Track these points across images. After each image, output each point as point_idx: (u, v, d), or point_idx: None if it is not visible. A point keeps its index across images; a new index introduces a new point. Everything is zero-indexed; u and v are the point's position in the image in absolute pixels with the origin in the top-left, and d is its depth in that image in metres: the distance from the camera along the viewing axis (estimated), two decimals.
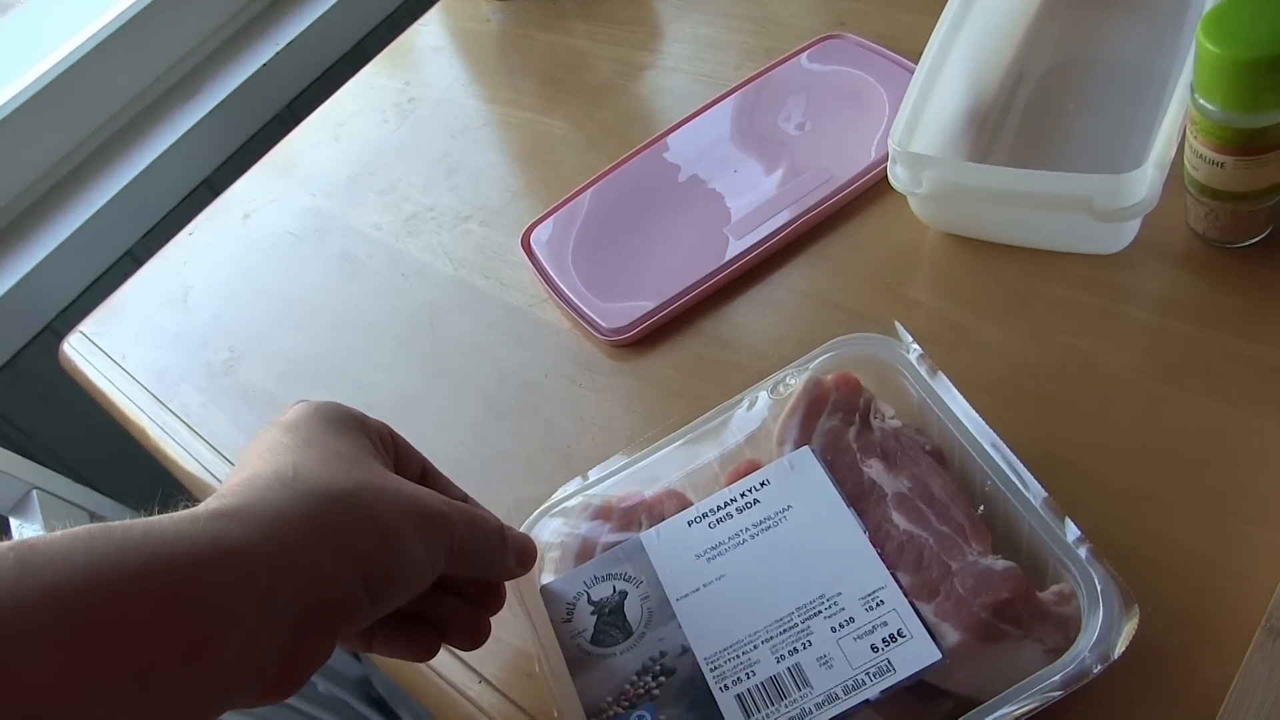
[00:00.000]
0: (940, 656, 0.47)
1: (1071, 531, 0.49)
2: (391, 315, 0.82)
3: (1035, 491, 0.51)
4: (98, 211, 1.12)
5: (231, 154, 1.21)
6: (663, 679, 0.50)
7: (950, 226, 0.69)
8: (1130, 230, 0.64)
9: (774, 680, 0.49)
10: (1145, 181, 0.59)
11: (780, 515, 0.54)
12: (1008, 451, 0.52)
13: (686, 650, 0.51)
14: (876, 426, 0.56)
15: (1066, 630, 0.47)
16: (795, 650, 0.49)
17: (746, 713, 0.48)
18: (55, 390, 1.01)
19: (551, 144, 0.90)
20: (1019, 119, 0.74)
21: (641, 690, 0.50)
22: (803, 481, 0.55)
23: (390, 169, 0.95)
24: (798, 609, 0.50)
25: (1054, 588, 0.49)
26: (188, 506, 0.42)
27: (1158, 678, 0.49)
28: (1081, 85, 0.75)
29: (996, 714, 0.45)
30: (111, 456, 1.11)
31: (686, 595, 0.53)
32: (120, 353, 0.89)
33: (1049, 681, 0.45)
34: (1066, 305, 0.64)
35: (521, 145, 0.92)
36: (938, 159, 0.65)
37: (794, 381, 0.58)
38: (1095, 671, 0.45)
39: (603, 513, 0.58)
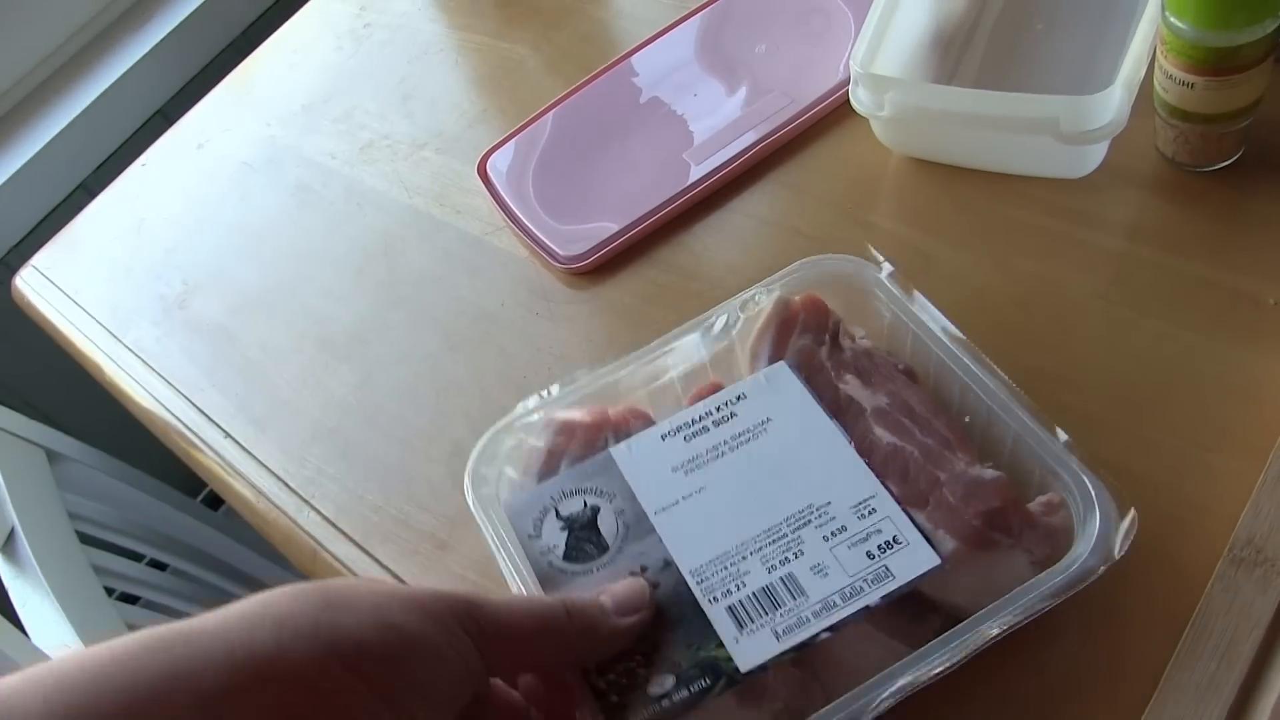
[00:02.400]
0: (940, 561, 0.46)
1: (1061, 437, 0.48)
2: (346, 245, 0.80)
3: (1021, 401, 0.50)
4: (49, 143, 1.09)
5: (186, 83, 1.18)
6: None
7: (913, 150, 0.67)
8: (1097, 153, 0.62)
9: (767, 590, 0.47)
10: (1113, 103, 0.58)
11: (760, 428, 0.52)
12: (989, 362, 0.51)
13: (670, 564, 0.48)
14: (847, 347, 0.55)
15: (1055, 541, 0.47)
16: (787, 560, 0.47)
17: (739, 623, 0.46)
18: (8, 325, 0.99)
19: (509, 68, 0.88)
20: (986, 40, 0.72)
21: None
22: (781, 395, 0.53)
23: (345, 96, 0.92)
24: (786, 519, 0.49)
25: (1041, 498, 0.48)
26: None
27: (1120, 608, 0.48)
28: (1050, 4, 0.73)
29: (999, 618, 0.44)
30: (66, 391, 1.10)
31: (665, 509, 0.50)
32: (73, 287, 0.87)
33: (1052, 583, 0.44)
34: (1031, 231, 0.62)
35: (479, 70, 0.89)
36: (900, 81, 0.64)
37: (762, 300, 0.57)
38: (1099, 572, 0.44)
39: (565, 429, 0.56)
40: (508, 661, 0.43)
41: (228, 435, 0.72)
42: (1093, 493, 0.46)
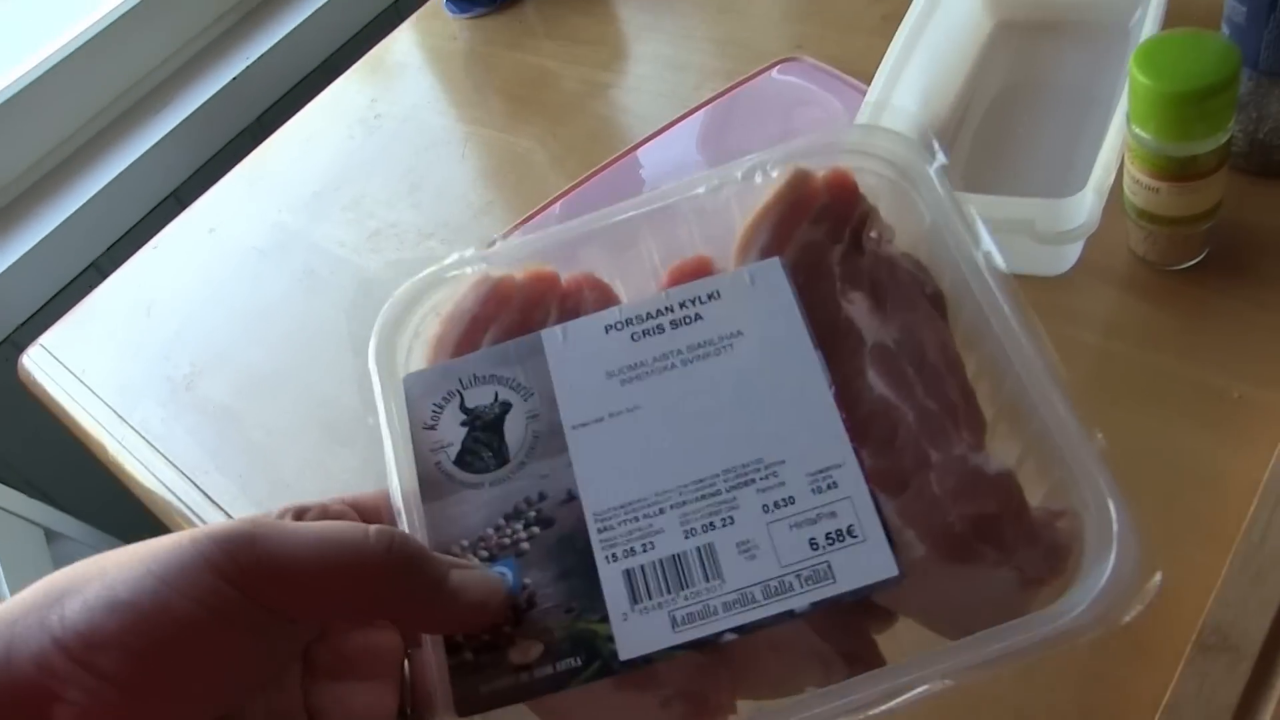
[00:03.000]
0: (898, 573, 0.36)
1: (1099, 442, 0.38)
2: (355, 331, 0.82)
3: (1059, 380, 0.39)
4: (63, 223, 1.12)
5: (199, 167, 1.22)
6: (535, 530, 0.39)
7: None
8: (1073, 253, 0.65)
9: (677, 561, 0.37)
10: (1085, 206, 0.61)
11: (725, 342, 0.41)
12: (1034, 320, 0.41)
13: (573, 498, 0.39)
14: (869, 249, 0.43)
15: (1054, 560, 0.37)
16: (712, 526, 0.38)
17: (633, 595, 0.37)
18: (13, 403, 1.02)
19: (515, 162, 0.91)
20: (970, 142, 0.75)
21: (507, 539, 0.39)
22: (763, 303, 0.42)
23: (355, 185, 0.96)
24: (725, 472, 0.39)
25: (1051, 506, 0.39)
26: None
27: (1091, 693, 0.50)
28: (1030, 110, 0.76)
29: (954, 664, 0.35)
30: (67, 469, 1.11)
31: (586, 424, 0.40)
32: (80, 366, 0.89)
33: (1030, 635, 0.35)
34: None
35: (486, 162, 0.93)
36: None
37: (775, 172, 0.44)
38: (1089, 635, 0.34)
39: (500, 290, 0.44)
40: (299, 608, 0.33)
41: (230, 517, 0.73)
42: (1115, 523, 0.36)
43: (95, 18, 1.20)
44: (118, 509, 0.90)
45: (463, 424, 0.41)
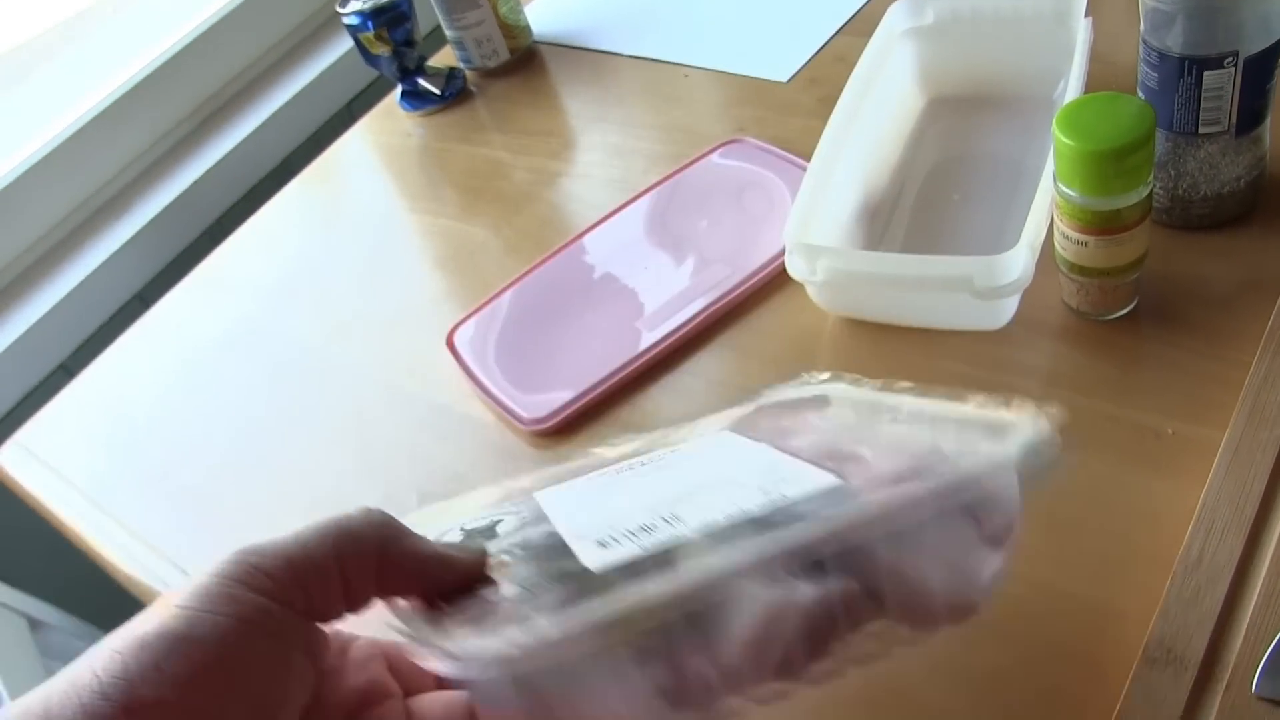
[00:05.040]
0: (838, 480, 0.41)
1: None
2: (322, 417, 0.84)
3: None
4: (31, 326, 1.14)
5: (163, 269, 1.24)
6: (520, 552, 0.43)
7: (847, 310, 0.74)
8: (1010, 307, 0.69)
9: (643, 526, 0.41)
10: (1019, 261, 0.64)
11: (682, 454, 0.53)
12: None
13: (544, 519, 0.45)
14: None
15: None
16: (676, 516, 0.41)
17: (603, 545, 0.40)
18: None
19: (472, 249, 0.94)
20: (908, 210, 0.79)
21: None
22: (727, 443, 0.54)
23: (318, 278, 0.98)
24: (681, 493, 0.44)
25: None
26: None
27: (1046, 709, 0.52)
28: (963, 178, 0.81)
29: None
30: (46, 560, 1.11)
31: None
32: (56, 461, 0.90)
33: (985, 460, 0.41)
34: (957, 379, 0.68)
35: (443, 251, 0.96)
36: (830, 249, 0.70)
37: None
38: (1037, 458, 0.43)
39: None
40: (313, 592, 0.37)
41: None
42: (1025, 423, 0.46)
43: (58, 127, 1.23)
44: (100, 597, 0.90)
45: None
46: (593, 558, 0.39)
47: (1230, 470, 0.57)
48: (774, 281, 0.78)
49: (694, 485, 0.46)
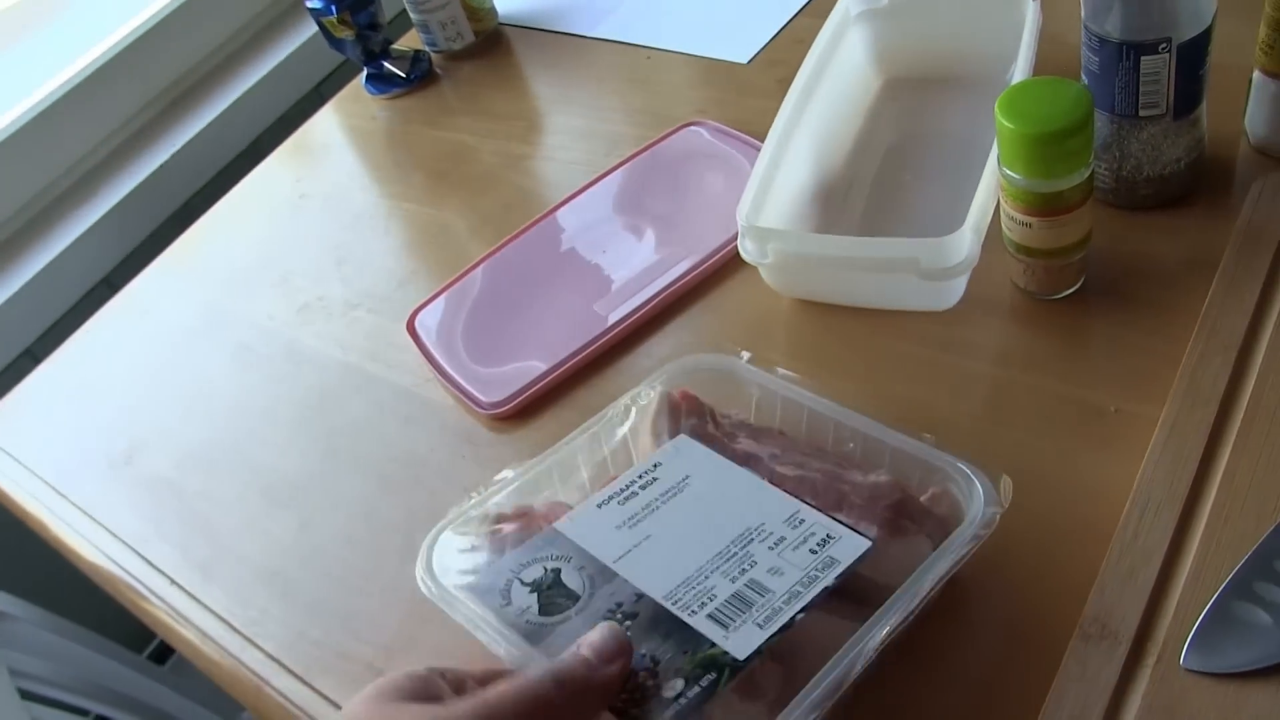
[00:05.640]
0: (871, 543, 0.53)
1: (928, 439, 0.57)
2: (285, 401, 0.85)
3: (884, 421, 0.59)
4: None
5: (130, 253, 1.24)
6: (629, 623, 0.52)
7: (800, 293, 0.75)
8: (958, 287, 0.70)
9: (737, 596, 0.51)
10: (964, 243, 0.65)
11: (682, 484, 0.58)
12: (849, 411, 0.61)
13: (641, 596, 0.53)
14: (727, 424, 0.63)
15: (946, 524, 0.55)
16: (745, 570, 0.53)
17: (723, 625, 0.50)
18: None
19: (435, 232, 0.95)
20: (864, 191, 0.80)
21: None
22: (691, 458, 0.60)
23: (284, 262, 0.99)
24: (732, 542, 0.54)
25: (925, 494, 0.57)
26: None
27: (988, 685, 0.54)
28: (920, 158, 0.82)
29: (937, 567, 0.51)
30: (7, 549, 1.12)
31: (621, 556, 0.55)
32: (19, 449, 0.91)
33: (968, 533, 0.53)
34: (907, 359, 0.69)
35: (408, 234, 0.96)
36: (780, 231, 0.71)
37: (647, 394, 0.65)
38: (996, 520, 0.53)
39: (502, 519, 0.60)
40: None
41: (174, 583, 0.75)
42: (967, 470, 0.55)
43: (24, 108, 1.22)
44: (62, 586, 0.91)
45: (530, 592, 0.55)
46: (735, 646, 0.49)
47: (1166, 448, 0.58)
48: (731, 264, 0.79)
49: (729, 531, 0.55)
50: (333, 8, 1.08)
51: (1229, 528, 0.54)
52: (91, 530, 0.81)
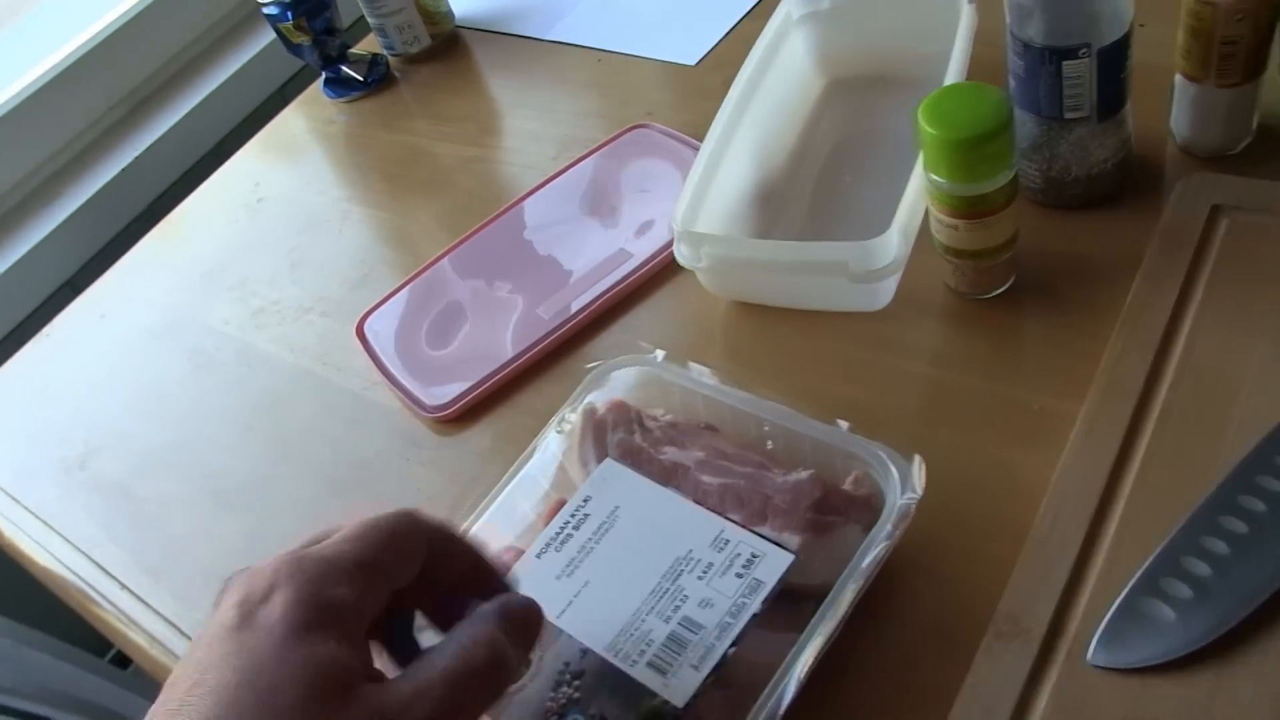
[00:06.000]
0: (794, 555, 0.55)
1: (843, 426, 0.60)
2: (239, 404, 0.86)
3: (803, 411, 0.61)
4: None
5: (93, 255, 1.25)
6: (577, 682, 0.54)
7: (736, 295, 0.76)
8: (888, 289, 0.71)
9: (671, 638, 0.53)
10: (892, 245, 0.66)
11: (613, 517, 0.60)
12: (766, 395, 0.62)
13: (587, 651, 0.54)
14: (654, 427, 0.64)
15: (872, 505, 0.57)
16: (678, 607, 0.54)
17: (661, 672, 0.52)
18: None
19: (389, 235, 0.96)
20: (805, 193, 0.81)
21: (563, 700, 0.54)
22: (618, 485, 0.61)
23: (240, 265, 1.00)
24: (663, 576, 0.56)
25: (848, 479, 0.59)
26: None
27: (903, 683, 0.55)
28: (859, 159, 0.83)
29: (855, 579, 0.53)
30: None
31: (564, 611, 0.56)
32: None
33: (884, 531, 0.55)
34: (840, 359, 0.71)
35: (362, 237, 0.97)
36: (712, 236, 0.72)
37: (572, 417, 0.66)
38: (912, 508, 0.56)
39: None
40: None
41: (124, 587, 0.76)
42: (883, 455, 0.58)
43: None
44: (23, 591, 0.91)
45: None
46: (674, 694, 0.52)
47: (1083, 446, 0.59)
48: (671, 267, 0.80)
49: (659, 565, 0.57)
50: (288, 13, 1.08)
51: (1141, 524, 0.55)
52: (44, 535, 0.82)
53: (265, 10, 1.09)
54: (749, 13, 1.02)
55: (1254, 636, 0.50)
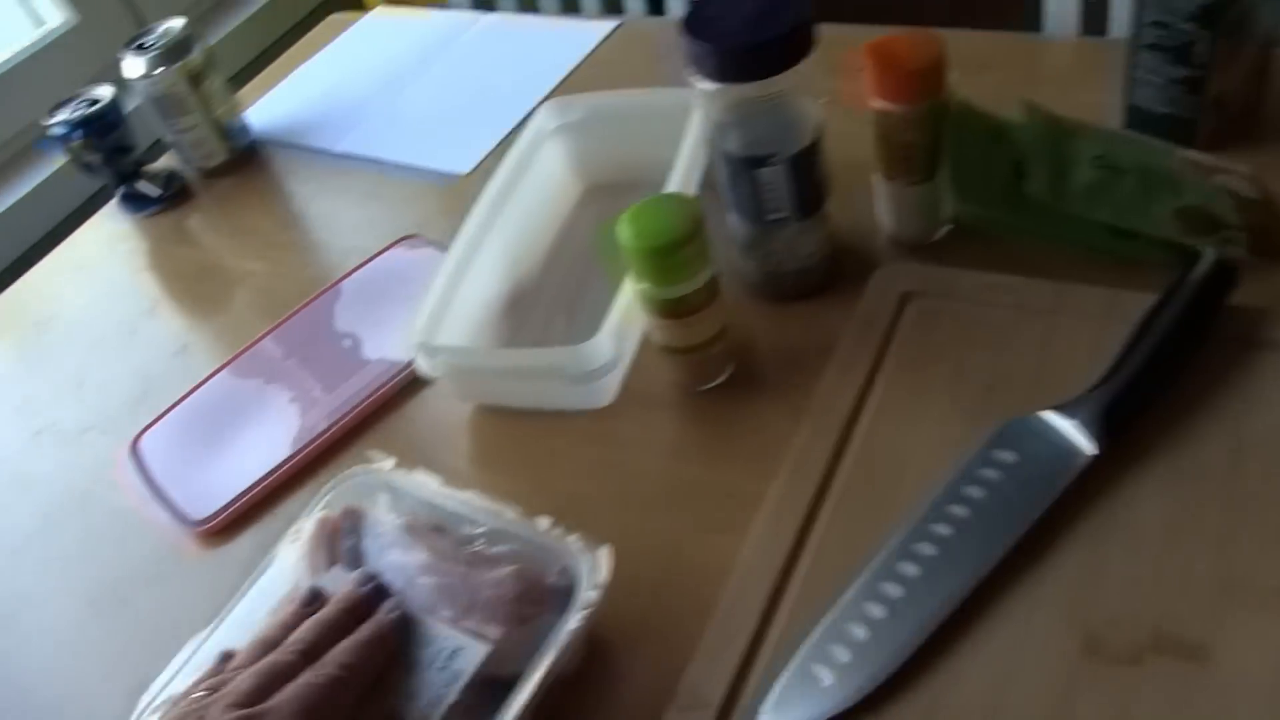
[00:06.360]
0: (490, 646, 0.58)
1: (544, 525, 0.63)
2: (9, 526, 0.87)
3: (509, 514, 0.64)
4: None
5: None
6: None
7: (477, 399, 0.80)
8: (609, 387, 0.76)
9: None
10: (604, 349, 0.71)
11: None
12: (480, 498, 0.66)
13: None
14: (384, 532, 0.66)
15: (572, 596, 0.60)
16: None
17: None
18: None
19: (173, 351, 0.98)
20: (552, 298, 0.86)
21: None
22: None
23: (24, 385, 1.01)
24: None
25: (554, 572, 0.62)
26: None
27: None
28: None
29: (543, 661, 0.57)
30: None
31: None
32: None
33: (570, 619, 0.58)
34: (568, 456, 0.75)
35: (146, 354, 0.99)
36: (445, 346, 0.76)
37: (306, 525, 0.68)
38: (595, 596, 0.59)
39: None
40: None
41: None
42: (573, 548, 0.61)
43: None
44: None
45: None
46: None
47: (768, 524, 0.64)
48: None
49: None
50: (77, 132, 1.11)
51: (815, 597, 0.60)
52: None
53: (51, 131, 1.11)
54: (521, 122, 1.07)
55: (913, 683, 0.56)
